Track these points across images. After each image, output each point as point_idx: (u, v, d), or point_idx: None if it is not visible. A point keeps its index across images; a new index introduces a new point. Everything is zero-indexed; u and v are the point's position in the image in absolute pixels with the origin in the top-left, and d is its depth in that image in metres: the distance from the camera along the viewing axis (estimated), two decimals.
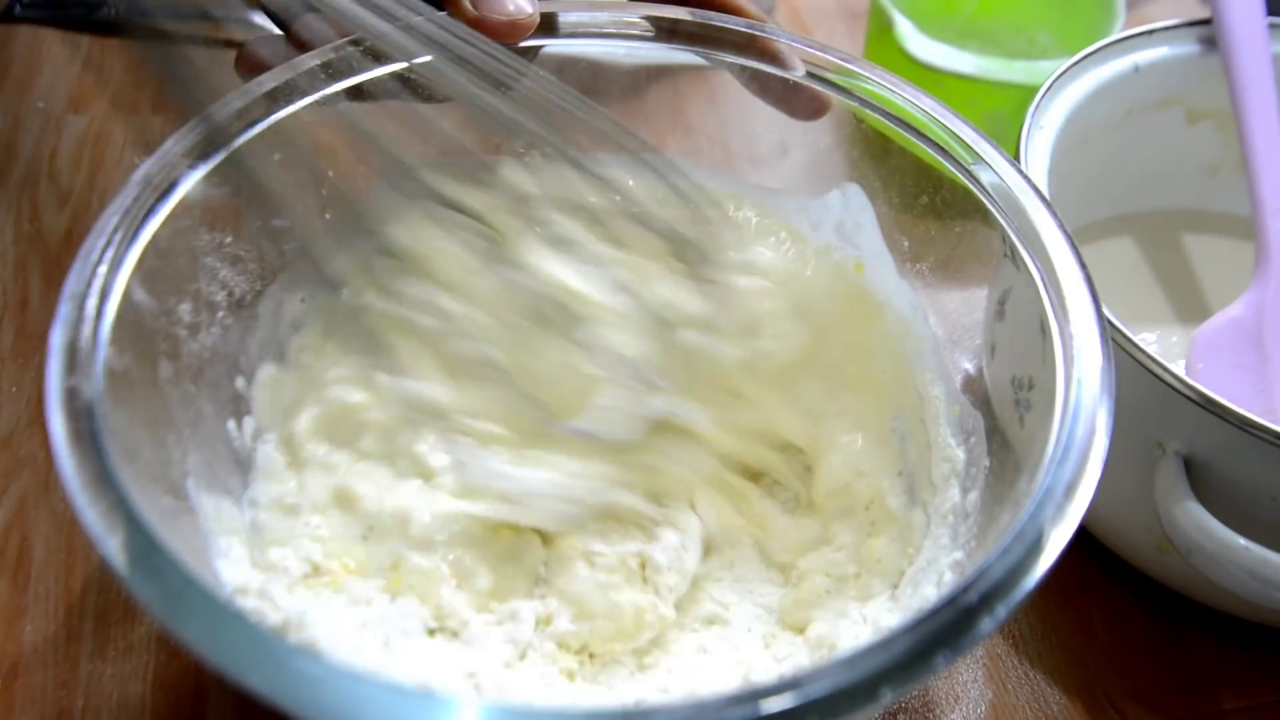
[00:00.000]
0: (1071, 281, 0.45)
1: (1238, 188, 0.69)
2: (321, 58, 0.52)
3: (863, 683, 0.32)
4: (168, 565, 0.34)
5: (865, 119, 0.56)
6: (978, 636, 0.33)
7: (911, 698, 0.55)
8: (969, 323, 0.54)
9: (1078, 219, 0.72)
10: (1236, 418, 0.48)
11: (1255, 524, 0.49)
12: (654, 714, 0.31)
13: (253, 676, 0.31)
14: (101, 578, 0.55)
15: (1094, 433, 0.39)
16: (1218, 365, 0.59)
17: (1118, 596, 0.60)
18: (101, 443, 0.37)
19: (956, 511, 0.49)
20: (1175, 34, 0.68)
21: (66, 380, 0.38)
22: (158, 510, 0.38)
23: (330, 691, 0.31)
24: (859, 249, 0.58)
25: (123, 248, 0.43)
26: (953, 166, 0.52)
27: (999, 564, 0.35)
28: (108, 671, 0.52)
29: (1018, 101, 0.69)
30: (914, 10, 0.77)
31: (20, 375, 0.63)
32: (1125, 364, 0.51)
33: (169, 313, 0.46)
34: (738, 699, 0.31)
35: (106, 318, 0.41)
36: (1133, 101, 0.68)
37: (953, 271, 0.55)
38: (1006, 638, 0.58)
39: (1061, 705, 0.55)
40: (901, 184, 0.56)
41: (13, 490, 0.58)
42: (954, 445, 0.51)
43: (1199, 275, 0.72)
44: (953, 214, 0.53)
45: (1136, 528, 0.56)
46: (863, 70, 0.56)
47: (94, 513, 0.35)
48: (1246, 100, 0.64)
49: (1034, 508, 0.37)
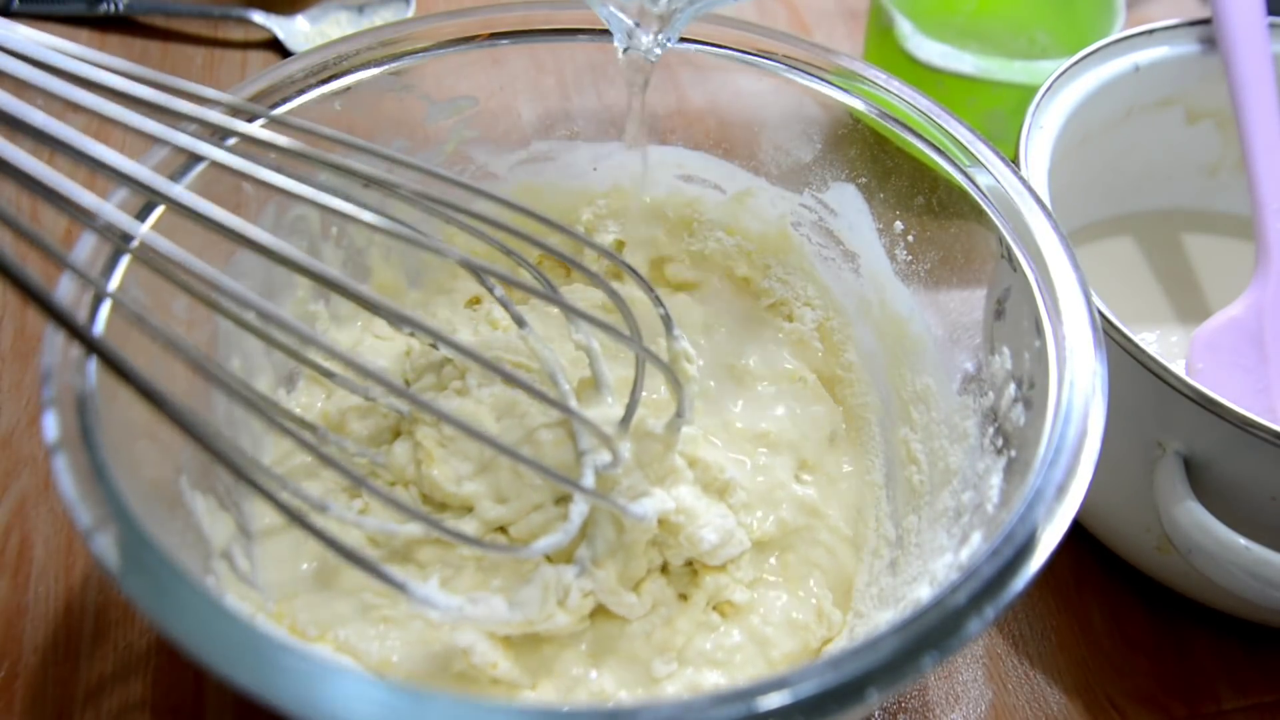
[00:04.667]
0: (1065, 284, 0.45)
1: (1238, 188, 0.69)
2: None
3: (849, 683, 0.32)
4: (158, 562, 0.34)
5: (863, 119, 0.56)
6: (965, 638, 0.33)
7: (911, 697, 0.55)
8: (968, 322, 0.54)
9: (1078, 219, 0.71)
10: (1236, 417, 0.48)
11: (1255, 524, 0.49)
12: (640, 713, 0.31)
13: (242, 673, 0.31)
14: (101, 577, 0.55)
15: (1086, 434, 0.39)
16: (1217, 365, 0.59)
17: (1117, 596, 0.60)
18: (94, 440, 0.37)
19: (952, 511, 0.49)
20: (1175, 34, 0.68)
21: (60, 378, 0.38)
22: (149, 508, 0.38)
23: (319, 688, 0.31)
24: (854, 249, 0.58)
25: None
26: (949, 168, 0.52)
27: (988, 565, 0.35)
28: (108, 671, 0.52)
29: (1017, 101, 0.69)
30: (914, 10, 0.77)
31: (20, 375, 0.64)
32: (1125, 364, 0.50)
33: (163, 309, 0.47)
34: (724, 699, 0.31)
35: (101, 316, 0.41)
36: (1133, 101, 0.68)
37: (951, 272, 0.55)
38: (1006, 638, 0.58)
39: (1061, 705, 0.55)
40: (898, 185, 0.56)
41: (13, 490, 0.58)
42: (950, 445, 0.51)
43: (1199, 275, 0.71)
44: (949, 215, 0.53)
45: (1136, 527, 0.55)
46: (861, 71, 0.56)
47: (85, 509, 0.35)
48: (1246, 100, 0.63)
49: (1024, 508, 0.37)
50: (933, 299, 0.56)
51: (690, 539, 0.50)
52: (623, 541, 0.50)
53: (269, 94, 0.52)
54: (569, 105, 0.62)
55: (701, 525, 0.51)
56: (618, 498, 0.50)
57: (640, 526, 0.49)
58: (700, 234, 0.64)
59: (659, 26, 0.52)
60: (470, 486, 0.52)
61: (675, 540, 0.51)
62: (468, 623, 0.46)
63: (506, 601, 0.47)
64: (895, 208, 0.57)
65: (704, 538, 0.50)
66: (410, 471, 0.53)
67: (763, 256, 0.63)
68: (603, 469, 0.49)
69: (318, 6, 0.91)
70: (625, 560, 0.50)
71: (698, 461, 0.54)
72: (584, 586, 0.48)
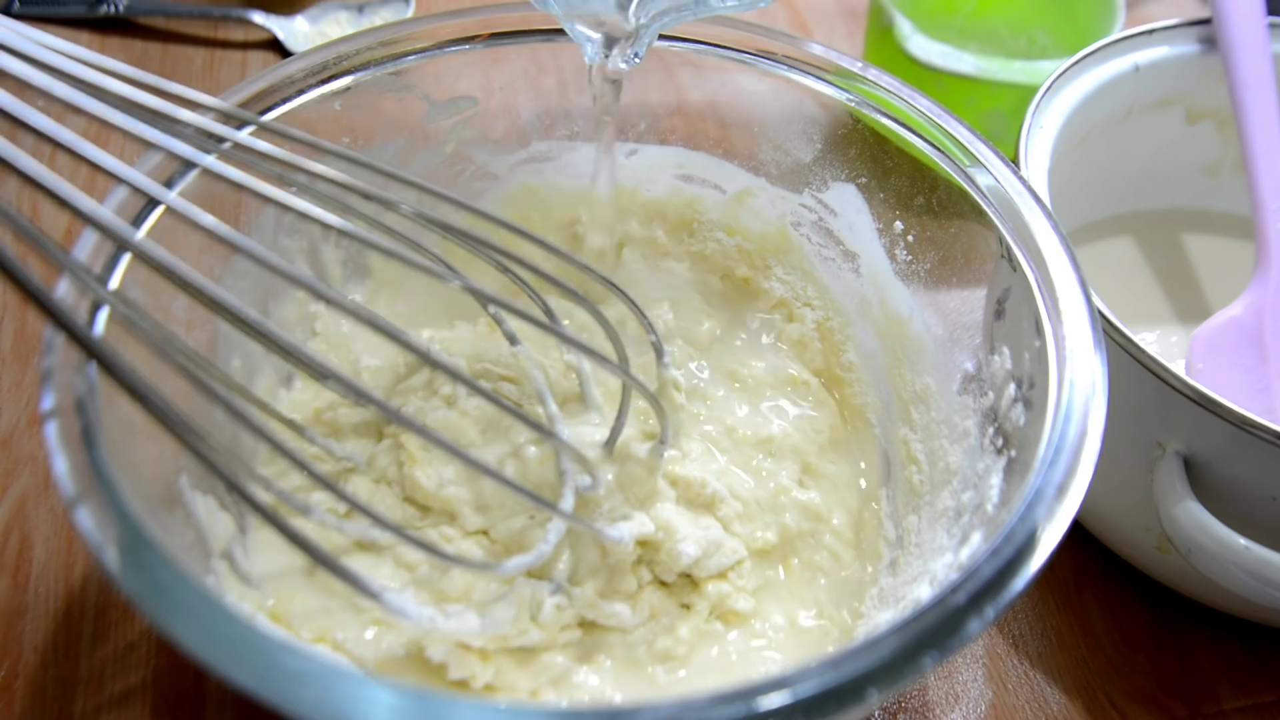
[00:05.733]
0: (1065, 284, 0.45)
1: (1238, 188, 0.69)
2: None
3: (849, 683, 0.32)
4: (158, 562, 0.34)
5: (863, 119, 0.56)
6: (965, 638, 0.33)
7: (911, 697, 0.55)
8: (968, 322, 0.54)
9: (1078, 219, 0.71)
10: (1236, 417, 0.48)
11: (1255, 524, 0.49)
12: (640, 713, 0.31)
13: (241, 673, 0.31)
14: (101, 578, 0.55)
15: (1085, 434, 0.39)
16: (1217, 365, 0.59)
17: (1117, 596, 0.60)
18: (94, 439, 0.37)
19: (952, 511, 0.49)
20: (1175, 34, 0.68)
21: (60, 378, 0.38)
22: (149, 508, 0.38)
23: (318, 688, 0.31)
24: (854, 249, 0.58)
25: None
26: (949, 168, 0.52)
27: (988, 564, 0.35)
28: (107, 671, 0.52)
29: (1017, 101, 0.69)
30: (914, 10, 0.77)
31: (20, 375, 0.64)
32: (1125, 364, 0.50)
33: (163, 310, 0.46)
34: (724, 698, 0.31)
35: (101, 315, 0.41)
36: (1132, 101, 0.68)
37: (951, 272, 0.55)
38: (1006, 638, 0.58)
39: (1061, 705, 0.55)
40: (898, 185, 0.56)
41: (13, 490, 0.58)
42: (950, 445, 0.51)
43: (1199, 275, 0.71)
44: (949, 215, 0.53)
45: (1136, 527, 0.55)
46: (861, 71, 0.56)
47: (85, 509, 0.35)
48: (1246, 100, 0.63)
49: (1024, 508, 0.37)
50: (933, 299, 0.56)
51: (671, 554, 0.51)
52: (606, 563, 0.50)
53: (269, 94, 0.52)
54: (569, 105, 0.62)
55: (680, 540, 0.51)
56: (596, 520, 0.50)
57: (618, 549, 0.49)
58: (700, 234, 0.64)
59: (628, 43, 0.52)
60: (452, 490, 0.52)
61: (659, 556, 0.51)
62: (439, 635, 0.46)
63: (479, 615, 0.47)
64: (895, 208, 0.57)
65: (683, 551, 0.51)
66: (393, 472, 0.53)
67: (763, 257, 0.63)
68: (583, 490, 0.50)
69: (318, 6, 0.91)
70: (609, 578, 0.50)
71: (679, 480, 0.54)
72: (560, 603, 0.49)
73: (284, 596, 0.49)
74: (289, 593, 0.49)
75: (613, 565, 0.50)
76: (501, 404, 0.42)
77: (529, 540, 0.50)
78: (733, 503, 0.54)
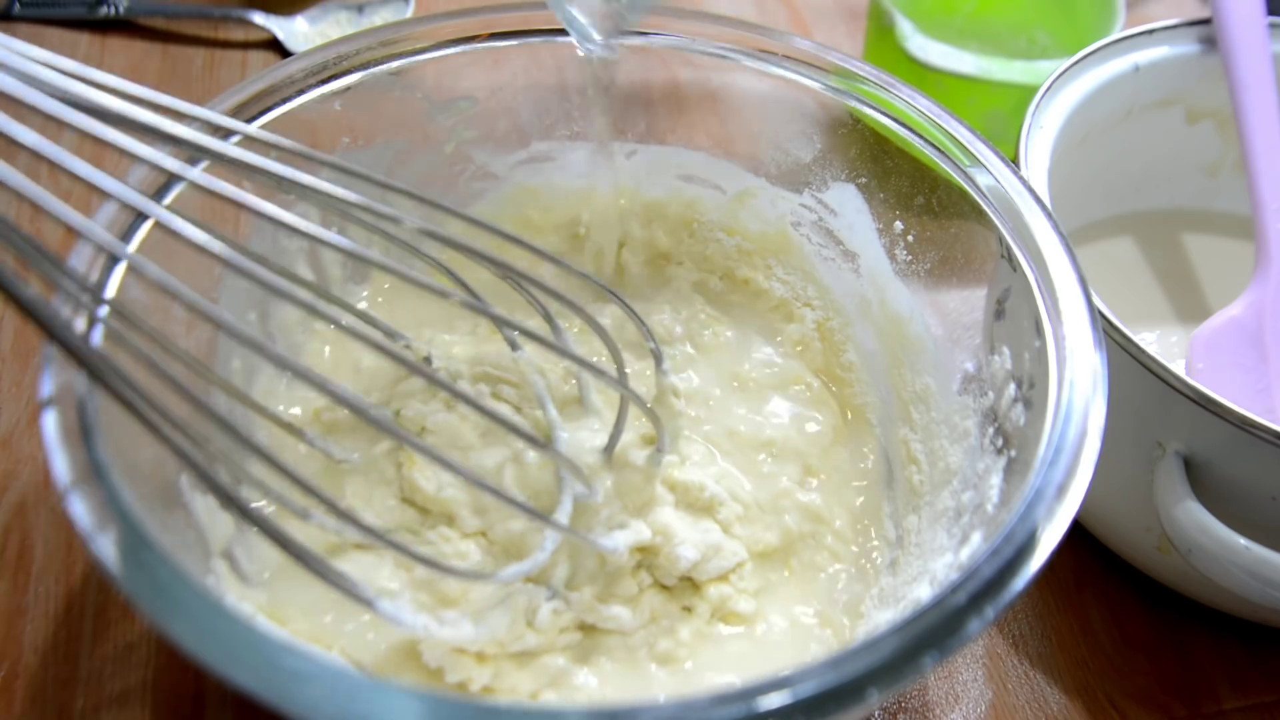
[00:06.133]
0: (1065, 284, 0.45)
1: (1238, 188, 0.69)
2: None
3: (849, 683, 0.32)
4: (158, 562, 0.34)
5: (863, 119, 0.56)
6: (965, 638, 0.33)
7: (911, 697, 0.55)
8: (968, 322, 0.54)
9: (1078, 219, 0.71)
10: (1236, 417, 0.48)
11: (1255, 524, 0.49)
12: (640, 713, 0.31)
13: (241, 673, 0.31)
14: (101, 577, 0.55)
15: (1085, 434, 0.39)
16: (1217, 365, 0.59)
17: (1117, 596, 0.59)
18: (93, 438, 0.37)
19: (952, 511, 0.49)
20: (1175, 34, 0.68)
21: (60, 378, 0.38)
22: (149, 508, 0.38)
23: (318, 688, 0.31)
24: (854, 249, 0.58)
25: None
26: (949, 168, 0.52)
27: (988, 564, 0.35)
28: (107, 671, 0.52)
29: (1017, 101, 0.69)
30: (914, 10, 0.77)
31: (20, 375, 0.64)
32: (1125, 364, 0.50)
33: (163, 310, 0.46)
34: (724, 698, 0.31)
35: (100, 315, 0.41)
36: (1133, 101, 0.68)
37: (951, 271, 0.55)
38: (1006, 638, 0.58)
39: (1061, 705, 0.55)
40: (898, 185, 0.56)
41: (13, 490, 0.58)
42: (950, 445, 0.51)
43: (1199, 275, 0.71)
44: (949, 215, 0.53)
45: (1136, 527, 0.55)
46: (861, 71, 0.56)
47: (84, 509, 0.35)
48: (1246, 100, 0.63)
49: (1024, 508, 0.37)
50: (932, 299, 0.56)
51: (669, 558, 0.51)
52: (604, 569, 0.50)
53: (269, 94, 0.52)
54: (569, 105, 0.62)
55: (678, 544, 0.51)
56: (594, 528, 0.50)
57: (614, 557, 0.49)
58: (700, 234, 0.64)
59: (613, 24, 0.52)
60: (451, 493, 0.52)
61: (658, 561, 0.51)
62: (434, 641, 0.46)
63: (474, 622, 0.47)
64: (895, 208, 0.57)
65: (682, 555, 0.51)
66: (391, 473, 0.53)
67: (763, 257, 0.63)
68: (581, 498, 0.50)
69: (318, 7, 0.91)
70: (607, 583, 0.50)
71: (677, 484, 0.54)
72: (556, 607, 0.49)
73: (284, 597, 0.49)
74: (289, 593, 0.49)
75: (610, 571, 0.50)
76: (498, 418, 0.42)
77: (527, 542, 0.50)
78: (733, 505, 0.54)
